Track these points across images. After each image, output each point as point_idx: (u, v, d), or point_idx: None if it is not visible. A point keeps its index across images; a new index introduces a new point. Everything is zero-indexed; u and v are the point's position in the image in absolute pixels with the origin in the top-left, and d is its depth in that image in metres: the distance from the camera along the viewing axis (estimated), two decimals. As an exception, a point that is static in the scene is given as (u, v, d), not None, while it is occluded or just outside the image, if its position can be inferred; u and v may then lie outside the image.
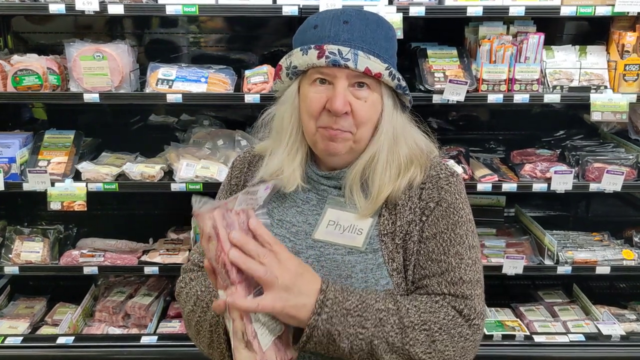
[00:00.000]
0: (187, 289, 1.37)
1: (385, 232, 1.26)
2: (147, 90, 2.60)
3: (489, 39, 2.55)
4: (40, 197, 2.63)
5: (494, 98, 2.53)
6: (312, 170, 1.33)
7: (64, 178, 2.63)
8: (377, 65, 1.20)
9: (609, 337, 2.67)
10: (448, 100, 2.50)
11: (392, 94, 1.27)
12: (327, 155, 1.29)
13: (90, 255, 2.78)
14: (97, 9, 2.42)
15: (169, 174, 2.71)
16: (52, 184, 2.60)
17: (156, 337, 2.68)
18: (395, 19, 2.41)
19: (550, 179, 2.63)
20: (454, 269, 1.22)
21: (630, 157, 2.70)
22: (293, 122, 1.29)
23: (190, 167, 2.61)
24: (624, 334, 2.68)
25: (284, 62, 1.28)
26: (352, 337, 1.13)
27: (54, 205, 2.59)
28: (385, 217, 1.27)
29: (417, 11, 2.43)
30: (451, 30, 2.80)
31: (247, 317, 1.09)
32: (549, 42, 2.68)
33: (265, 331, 1.11)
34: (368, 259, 1.25)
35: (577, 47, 2.70)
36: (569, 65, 2.65)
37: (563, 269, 2.70)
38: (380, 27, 1.25)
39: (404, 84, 1.26)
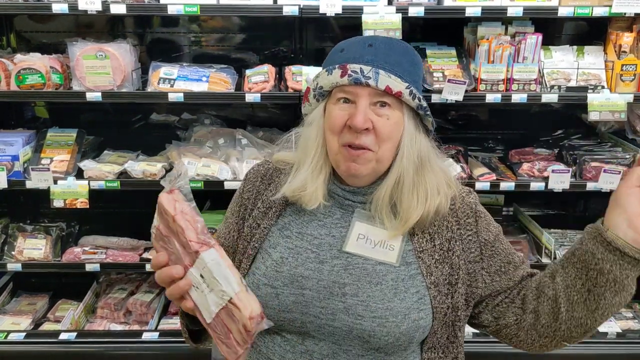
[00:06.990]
0: None
1: (421, 249, 1.28)
2: (149, 89, 2.62)
3: (488, 39, 2.57)
4: (43, 195, 2.65)
5: (492, 98, 2.56)
6: (336, 186, 1.34)
7: (66, 176, 2.66)
8: (397, 84, 1.21)
9: (605, 334, 2.69)
10: (447, 99, 2.52)
11: (413, 115, 1.28)
12: (349, 176, 1.29)
13: (92, 252, 2.81)
14: (100, 8, 2.44)
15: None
16: (55, 182, 2.62)
17: (157, 334, 2.71)
18: (394, 19, 2.43)
19: (547, 178, 2.65)
20: (518, 265, 1.35)
21: (627, 156, 2.72)
22: (318, 141, 1.30)
23: (192, 166, 2.63)
24: (620, 331, 2.70)
25: (311, 84, 1.31)
26: None
27: (57, 203, 2.62)
28: (419, 235, 1.29)
29: (416, 11, 2.45)
30: (450, 30, 2.82)
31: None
32: (547, 42, 2.70)
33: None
34: (401, 270, 1.27)
35: (575, 47, 2.72)
36: (567, 65, 2.67)
37: (560, 267, 2.72)
38: (406, 53, 1.28)
39: (424, 104, 1.27)
